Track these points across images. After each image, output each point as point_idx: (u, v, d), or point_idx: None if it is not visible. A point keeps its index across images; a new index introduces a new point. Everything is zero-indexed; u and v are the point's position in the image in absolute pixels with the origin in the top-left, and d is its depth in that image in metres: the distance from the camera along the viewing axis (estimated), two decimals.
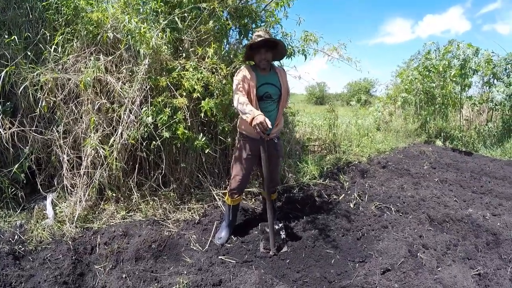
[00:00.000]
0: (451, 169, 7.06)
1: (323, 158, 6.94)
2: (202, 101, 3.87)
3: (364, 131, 9.76)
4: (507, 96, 9.51)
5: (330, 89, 41.03)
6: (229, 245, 3.69)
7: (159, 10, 4.46)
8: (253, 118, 3.12)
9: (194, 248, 3.59)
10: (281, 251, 3.54)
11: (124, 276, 3.03)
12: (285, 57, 3.94)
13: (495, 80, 10.25)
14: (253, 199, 4.86)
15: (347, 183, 5.73)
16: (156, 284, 2.93)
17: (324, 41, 5.52)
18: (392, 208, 4.71)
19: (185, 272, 3.08)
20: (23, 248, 3.35)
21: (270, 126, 3.16)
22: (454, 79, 9.70)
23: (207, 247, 3.62)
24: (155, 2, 4.42)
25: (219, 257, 3.41)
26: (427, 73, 10.60)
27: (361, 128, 9.95)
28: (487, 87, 10.58)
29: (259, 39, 3.40)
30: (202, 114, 4.04)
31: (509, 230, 3.85)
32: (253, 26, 5.17)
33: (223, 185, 4.84)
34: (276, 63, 4.49)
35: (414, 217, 4.43)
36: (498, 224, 4.01)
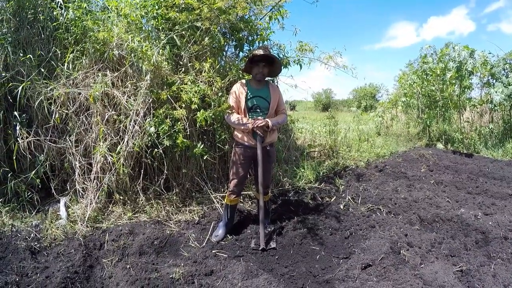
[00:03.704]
0: (449, 171, 7.14)
1: (321, 163, 7.12)
2: (198, 112, 4.17)
3: (364, 136, 9.91)
4: (506, 96, 9.52)
5: (336, 95, 40.97)
6: (223, 242, 3.99)
7: (160, 27, 4.80)
8: (253, 125, 3.80)
9: (192, 245, 3.90)
10: (270, 247, 3.83)
11: (128, 267, 3.35)
12: (281, 71, 4.33)
13: (494, 81, 10.28)
14: (249, 202, 5.15)
15: (342, 186, 5.95)
16: (156, 273, 3.26)
17: (320, 50, 5.74)
18: (383, 210, 4.90)
19: (182, 264, 3.40)
20: (38, 245, 3.68)
21: (270, 124, 3.84)
22: (453, 81, 9.80)
23: (204, 244, 3.93)
24: (156, 20, 4.76)
25: (213, 251, 3.71)
26: (425, 76, 10.69)
27: (362, 133, 10.10)
28: (487, 88, 10.61)
29: (261, 53, 3.88)
30: (198, 124, 4.33)
31: (500, 229, 3.90)
32: (249, 38, 5.47)
33: (222, 189, 5.14)
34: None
35: (404, 218, 4.60)
36: (490, 223, 4.08)
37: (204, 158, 4.60)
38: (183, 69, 4.77)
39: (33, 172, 4.40)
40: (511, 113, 10.65)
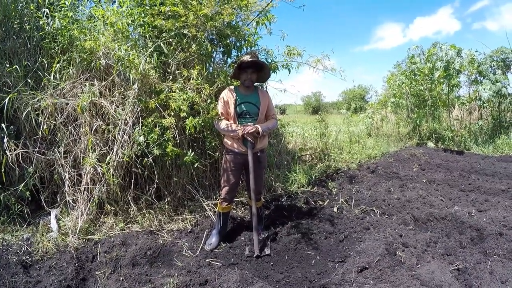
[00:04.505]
0: (441, 170, 7.18)
1: (313, 167, 7.11)
2: (187, 120, 4.13)
3: (355, 138, 9.92)
4: (494, 92, 9.62)
5: (326, 98, 41.20)
6: (217, 250, 3.95)
7: (147, 35, 4.77)
8: (243, 131, 3.77)
9: (186, 254, 3.86)
10: (265, 254, 3.80)
11: (121, 279, 3.31)
12: (270, 76, 4.32)
13: (482, 78, 10.35)
14: (242, 208, 5.12)
15: (335, 189, 5.94)
16: (150, 285, 3.22)
17: (308, 54, 5.76)
18: (377, 211, 4.90)
19: (176, 274, 3.35)
20: (30, 258, 3.62)
21: (260, 130, 3.81)
22: (441, 80, 9.85)
23: (197, 253, 3.89)
24: (143, 28, 4.73)
25: (207, 260, 3.67)
26: (413, 76, 10.75)
27: (353, 135, 10.12)
28: (475, 86, 10.69)
29: (249, 59, 3.84)
30: (187, 132, 4.27)
31: (494, 225, 3.93)
32: (237, 44, 5.46)
33: (214, 197, 5.09)
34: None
35: (398, 218, 4.60)
36: (484, 219, 4.13)
37: (195, 166, 4.56)
38: (171, 76, 4.74)
39: (22, 185, 4.34)
40: (499, 110, 10.75)
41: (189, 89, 4.41)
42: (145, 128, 4.32)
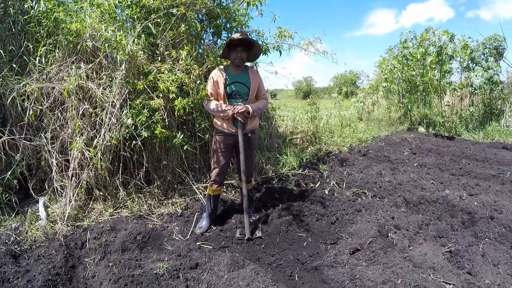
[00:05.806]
0: (432, 154, 7.22)
1: (304, 150, 7.11)
2: (175, 101, 4.06)
3: (346, 122, 9.94)
4: (486, 79, 9.63)
5: (317, 83, 41.31)
6: (208, 233, 3.92)
7: (135, 16, 4.66)
8: (233, 111, 3.70)
9: (176, 238, 3.82)
10: (256, 236, 3.78)
11: (111, 265, 3.25)
12: (260, 54, 4.27)
13: (474, 65, 10.34)
14: (233, 191, 5.08)
15: (326, 172, 5.94)
16: (139, 270, 3.16)
17: (300, 36, 5.74)
18: (369, 193, 4.92)
19: (166, 259, 3.31)
20: (19, 248, 3.55)
21: (250, 110, 3.75)
22: (433, 66, 9.84)
23: (188, 236, 3.85)
24: (131, 9, 4.62)
25: (197, 243, 3.64)
26: (406, 61, 10.73)
27: (344, 119, 10.13)
28: (467, 72, 10.69)
29: (239, 37, 3.76)
30: (176, 113, 4.22)
31: (486, 209, 3.95)
32: (228, 25, 5.37)
33: (204, 180, 5.06)
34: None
35: (389, 201, 4.63)
36: (475, 203, 4.13)
37: (185, 149, 4.53)
38: (160, 58, 4.66)
39: (9, 173, 4.24)
40: (491, 97, 10.82)
41: (178, 70, 4.32)
42: (133, 111, 4.23)
